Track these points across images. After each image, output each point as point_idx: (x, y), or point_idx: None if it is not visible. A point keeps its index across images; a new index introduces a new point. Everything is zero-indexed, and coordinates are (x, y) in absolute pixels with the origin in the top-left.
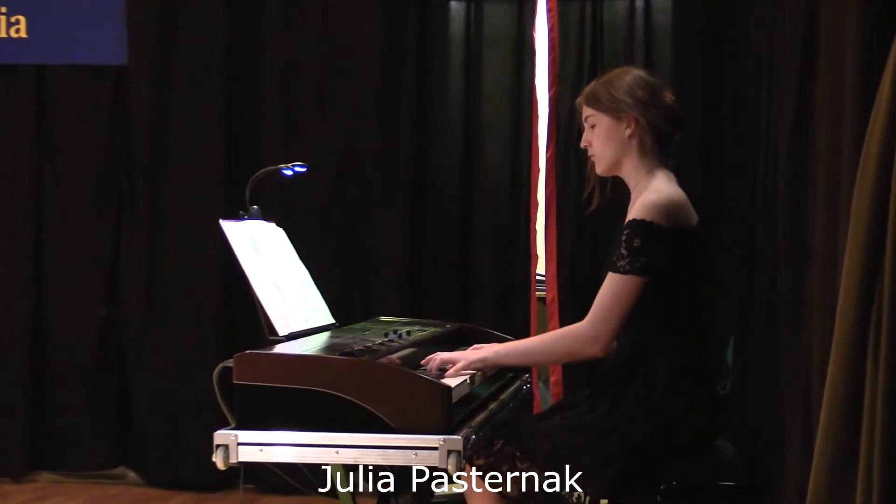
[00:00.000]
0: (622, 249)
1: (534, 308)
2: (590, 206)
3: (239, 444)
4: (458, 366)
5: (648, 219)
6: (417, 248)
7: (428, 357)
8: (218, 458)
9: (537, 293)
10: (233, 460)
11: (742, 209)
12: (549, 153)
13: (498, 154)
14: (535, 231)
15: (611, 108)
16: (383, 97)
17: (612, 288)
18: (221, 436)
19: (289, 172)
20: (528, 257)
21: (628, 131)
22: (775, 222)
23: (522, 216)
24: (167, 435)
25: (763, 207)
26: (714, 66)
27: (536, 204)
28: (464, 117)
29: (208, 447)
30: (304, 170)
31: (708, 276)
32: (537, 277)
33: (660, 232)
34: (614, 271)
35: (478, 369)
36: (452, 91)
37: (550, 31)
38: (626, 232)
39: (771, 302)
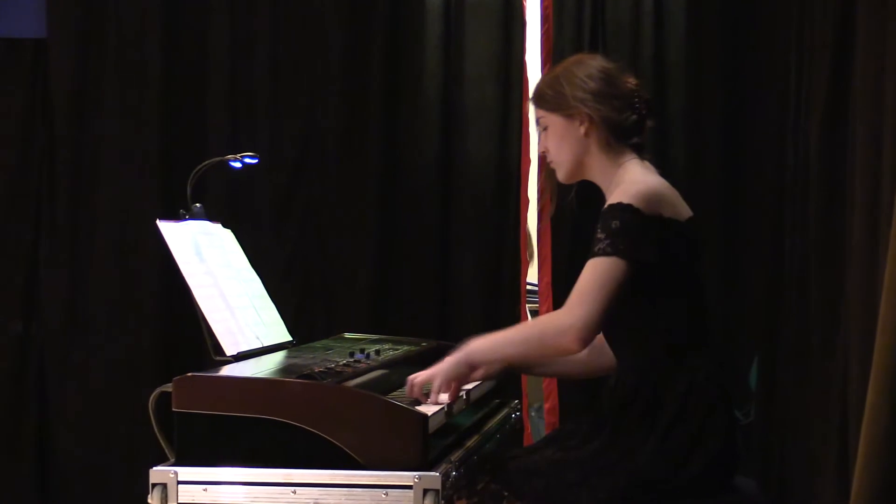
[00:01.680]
0: (599, 233)
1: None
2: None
3: (179, 482)
4: (436, 384)
5: (626, 201)
6: (388, 252)
7: (408, 384)
8: (154, 499)
9: (528, 305)
10: (172, 502)
11: (768, 212)
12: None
13: (482, 143)
14: (526, 233)
15: (560, 105)
16: (348, 76)
17: (590, 272)
18: (159, 473)
19: (237, 164)
20: (518, 263)
21: (583, 129)
22: (806, 227)
23: (511, 216)
24: (95, 473)
25: (792, 210)
26: (735, 39)
27: (527, 201)
28: (442, 100)
29: (143, 486)
30: (255, 161)
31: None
32: (528, 287)
33: (639, 215)
34: (593, 256)
35: (456, 377)
36: (429, 69)
37: None
38: (603, 217)
39: (801, 318)
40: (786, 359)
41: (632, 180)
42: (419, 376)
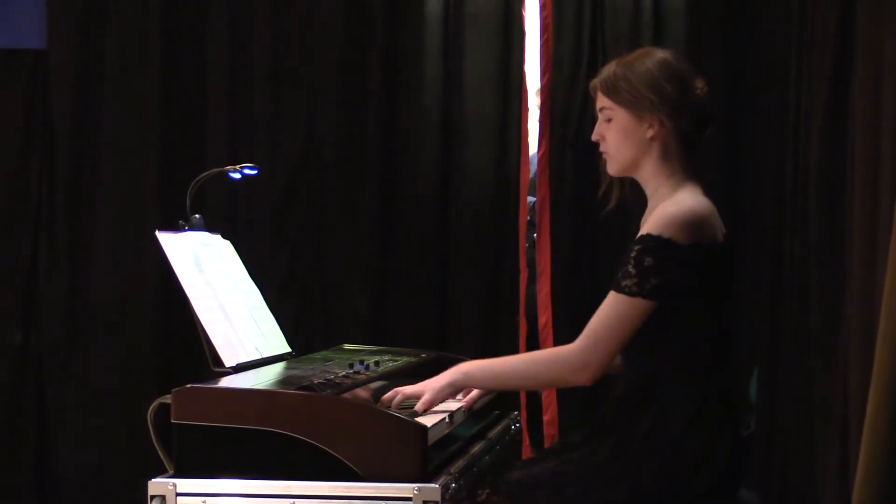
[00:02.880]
0: (630, 267)
1: (523, 333)
2: (607, 205)
3: (178, 494)
4: (424, 399)
5: (665, 235)
6: (387, 263)
7: (388, 394)
8: None
9: (528, 316)
10: None
11: (767, 220)
12: (542, 151)
13: (481, 153)
14: (524, 243)
15: (632, 103)
16: (347, 86)
17: (613, 309)
18: (157, 485)
19: (237, 175)
20: (517, 274)
21: (650, 132)
22: (806, 235)
23: (510, 226)
24: (93, 484)
25: (792, 217)
26: (734, 52)
27: (526, 211)
28: (441, 109)
29: (142, 498)
30: (254, 172)
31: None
32: (529, 297)
33: (676, 251)
34: (618, 290)
35: (446, 398)
36: (428, 78)
37: (542, 8)
38: (636, 248)
39: (802, 327)
40: (786, 369)
41: (678, 200)
42: (405, 389)
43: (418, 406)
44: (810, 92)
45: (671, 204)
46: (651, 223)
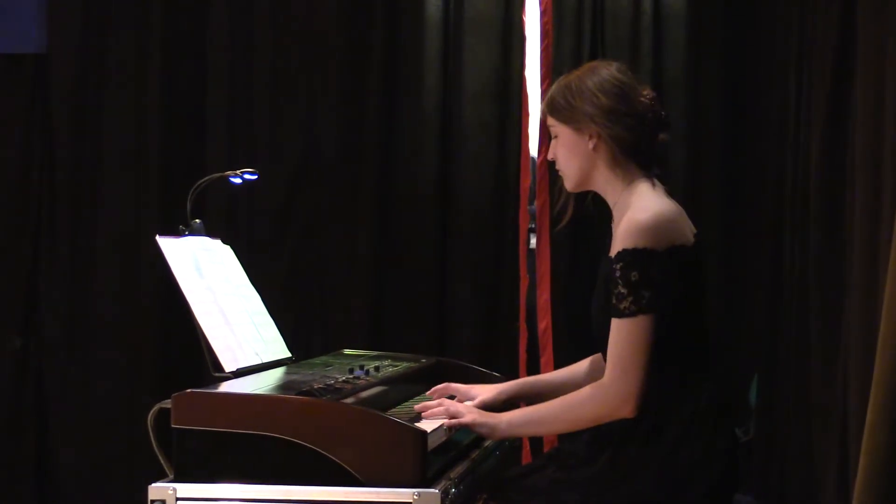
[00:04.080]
0: (620, 288)
1: (523, 340)
2: (561, 220)
3: (178, 498)
4: (461, 419)
5: (640, 245)
6: (386, 268)
7: (435, 402)
8: None
9: (528, 322)
10: None
11: (767, 224)
12: (542, 158)
13: (481, 159)
14: (524, 249)
15: (570, 118)
16: (347, 91)
17: (622, 335)
18: (157, 489)
19: (237, 180)
20: (517, 280)
21: (591, 143)
22: (806, 239)
23: (509, 231)
24: (93, 488)
25: (791, 222)
26: (734, 56)
27: (526, 217)
28: (441, 115)
29: (142, 503)
30: (254, 177)
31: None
32: (529, 303)
33: (656, 258)
34: (619, 316)
35: (482, 435)
36: (427, 84)
37: (543, 14)
38: (618, 266)
39: (801, 333)
40: (786, 375)
41: (640, 206)
42: (449, 405)
43: (449, 423)
44: (811, 94)
45: (638, 211)
46: (623, 236)
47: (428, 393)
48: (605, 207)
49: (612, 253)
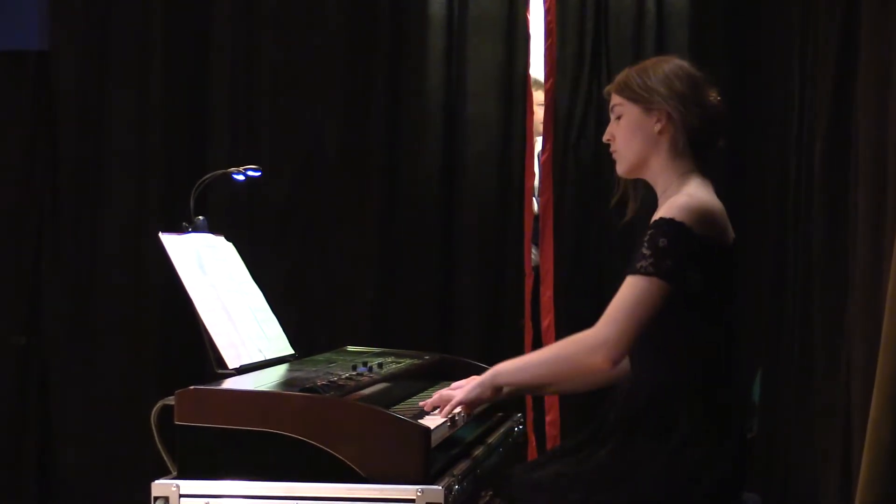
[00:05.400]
0: (644, 249)
1: (528, 336)
2: (623, 215)
3: (181, 495)
4: (453, 402)
5: (679, 219)
6: (391, 265)
7: (434, 398)
8: None
9: (534, 319)
10: None
11: (771, 221)
12: (545, 155)
13: (485, 157)
14: (529, 246)
15: (642, 97)
16: (351, 89)
17: (629, 290)
18: (161, 486)
19: (240, 177)
20: (521, 276)
21: (658, 126)
22: (809, 237)
23: (513, 229)
24: (97, 485)
25: (795, 220)
26: (738, 56)
27: (531, 214)
28: (445, 113)
29: (145, 499)
30: (258, 174)
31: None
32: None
33: (690, 236)
34: (633, 273)
35: (477, 398)
36: (432, 82)
37: (547, 13)
38: (649, 232)
39: (805, 329)
40: (789, 373)
41: (689, 193)
42: (444, 392)
43: (446, 409)
44: (814, 93)
45: (684, 195)
46: (665, 208)
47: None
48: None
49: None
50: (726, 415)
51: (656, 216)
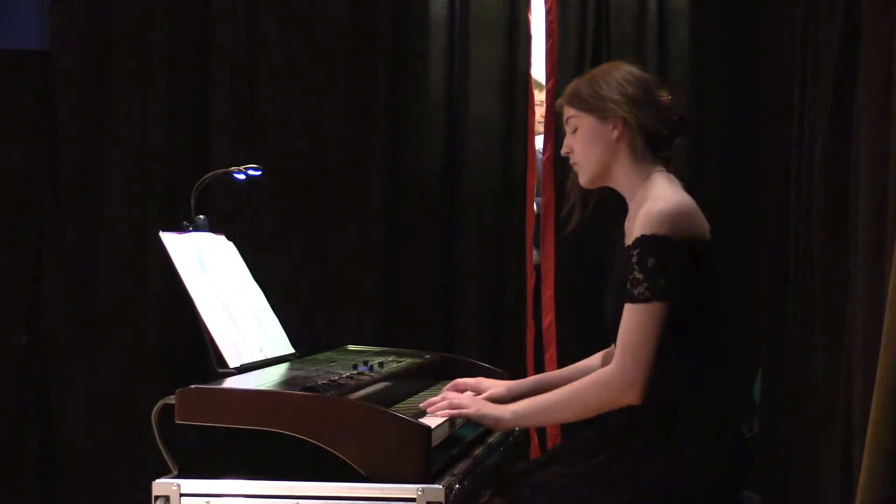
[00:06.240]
0: (636, 273)
1: (530, 335)
2: (567, 225)
3: (182, 494)
4: (464, 411)
5: (660, 233)
6: (392, 264)
7: (438, 398)
8: None
9: (536, 318)
10: None
11: (772, 220)
12: (547, 155)
13: (487, 156)
14: (531, 245)
15: (595, 106)
16: (353, 89)
17: (634, 321)
18: (161, 485)
19: (241, 176)
20: (523, 276)
21: (616, 133)
22: (810, 237)
23: (515, 228)
24: (97, 484)
25: (796, 219)
26: (738, 54)
27: (532, 215)
28: (447, 113)
29: (146, 498)
30: (259, 173)
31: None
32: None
33: (673, 246)
34: (633, 301)
35: (488, 427)
36: (434, 82)
37: (548, 13)
38: (635, 252)
39: (805, 328)
40: (789, 372)
41: (659, 196)
42: (451, 396)
43: (451, 413)
44: (815, 92)
45: (657, 201)
46: (641, 223)
47: (444, 391)
48: (612, 205)
49: (629, 241)
50: (723, 412)
51: (636, 232)
